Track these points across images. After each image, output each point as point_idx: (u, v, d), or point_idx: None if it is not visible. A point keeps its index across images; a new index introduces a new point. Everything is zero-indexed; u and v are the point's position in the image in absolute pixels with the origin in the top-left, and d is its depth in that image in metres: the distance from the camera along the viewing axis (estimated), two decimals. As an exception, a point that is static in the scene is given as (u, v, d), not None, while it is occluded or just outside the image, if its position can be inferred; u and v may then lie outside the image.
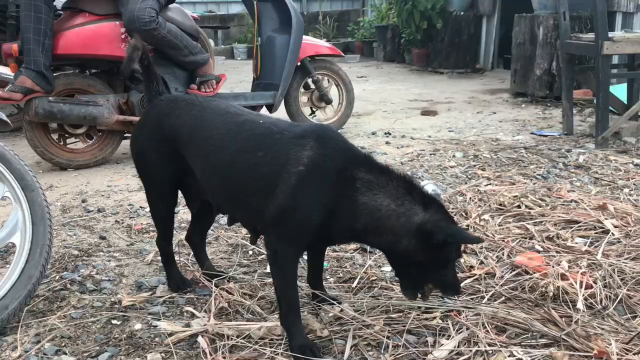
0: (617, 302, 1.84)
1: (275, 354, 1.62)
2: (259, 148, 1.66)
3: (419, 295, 1.70)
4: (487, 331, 1.68)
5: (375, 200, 1.59)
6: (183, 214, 2.75)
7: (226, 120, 1.78)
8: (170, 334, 1.72)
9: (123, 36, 3.53)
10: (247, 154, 1.67)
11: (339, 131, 1.96)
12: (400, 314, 1.80)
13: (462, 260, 2.05)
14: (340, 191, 1.60)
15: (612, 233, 2.36)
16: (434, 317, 1.78)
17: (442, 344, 1.64)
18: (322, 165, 1.60)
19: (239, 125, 1.75)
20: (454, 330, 1.70)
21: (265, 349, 1.63)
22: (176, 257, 2.13)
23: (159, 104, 1.93)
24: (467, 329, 1.69)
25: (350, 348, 1.65)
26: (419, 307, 1.83)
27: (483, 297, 1.89)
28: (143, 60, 1.95)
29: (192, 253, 2.19)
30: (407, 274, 1.68)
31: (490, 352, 1.59)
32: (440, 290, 1.70)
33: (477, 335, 1.66)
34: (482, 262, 2.16)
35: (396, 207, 1.59)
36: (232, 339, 1.68)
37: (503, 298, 1.89)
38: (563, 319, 1.74)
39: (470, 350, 1.59)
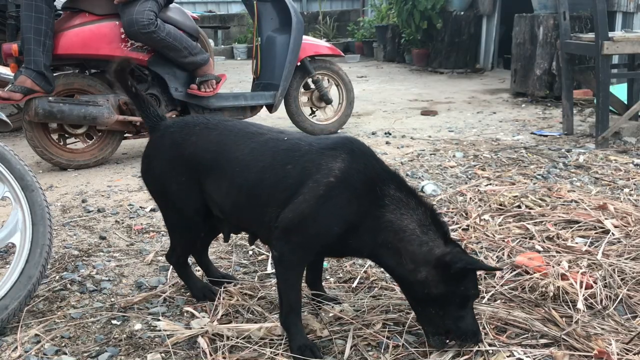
0: (617, 302, 1.84)
1: (275, 355, 1.62)
2: (287, 162, 1.63)
3: (447, 342, 1.62)
4: (487, 331, 1.68)
5: (402, 221, 1.57)
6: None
7: (249, 141, 1.73)
8: (170, 335, 1.72)
9: (123, 36, 3.52)
10: (275, 169, 1.64)
11: (339, 131, 1.94)
12: (400, 314, 1.80)
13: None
14: (367, 206, 1.58)
15: (612, 233, 2.36)
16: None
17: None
18: (353, 179, 1.58)
19: (262, 144, 1.71)
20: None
21: (265, 350, 1.63)
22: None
23: (170, 131, 1.83)
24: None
25: (350, 348, 1.65)
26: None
27: (483, 297, 1.89)
28: (130, 88, 1.86)
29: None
30: (428, 316, 1.61)
31: (491, 352, 1.59)
32: (458, 337, 1.59)
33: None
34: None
35: (421, 234, 1.57)
36: (232, 339, 1.68)
37: (503, 298, 1.89)
38: (563, 319, 1.74)
39: (471, 350, 1.59)
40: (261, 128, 1.80)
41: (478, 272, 1.80)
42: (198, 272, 2.12)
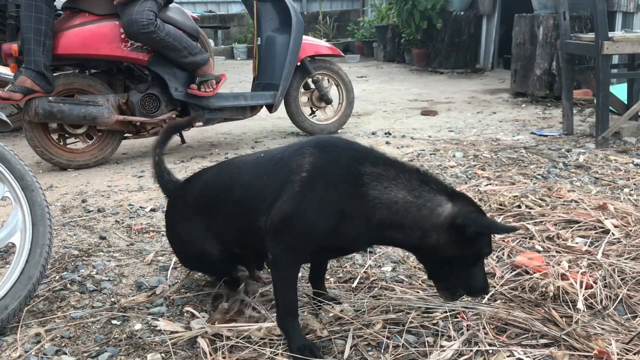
0: (617, 302, 1.84)
1: (275, 355, 1.62)
2: (262, 174, 1.67)
3: (457, 295, 1.65)
4: (487, 331, 1.68)
5: (388, 193, 1.52)
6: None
7: (234, 169, 1.83)
8: (171, 335, 1.72)
9: (123, 36, 3.52)
10: (254, 185, 1.67)
11: (339, 131, 1.96)
12: (400, 314, 1.80)
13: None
14: (347, 190, 1.53)
15: (612, 233, 2.36)
16: (434, 317, 1.78)
17: (443, 345, 1.64)
18: (325, 168, 1.57)
19: (243, 167, 1.79)
20: (454, 330, 1.70)
21: (265, 349, 1.63)
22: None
23: (179, 193, 1.97)
24: (468, 329, 1.69)
25: (350, 348, 1.64)
26: (419, 307, 1.83)
27: (483, 297, 1.89)
28: (155, 157, 2.07)
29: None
30: (440, 274, 1.61)
31: (491, 351, 1.59)
32: (468, 291, 1.62)
33: (478, 336, 1.65)
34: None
35: (414, 199, 1.52)
36: (232, 339, 1.68)
37: (503, 298, 1.89)
38: (563, 319, 1.74)
39: (471, 350, 1.59)
40: (250, 156, 1.87)
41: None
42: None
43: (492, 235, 1.61)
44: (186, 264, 2.02)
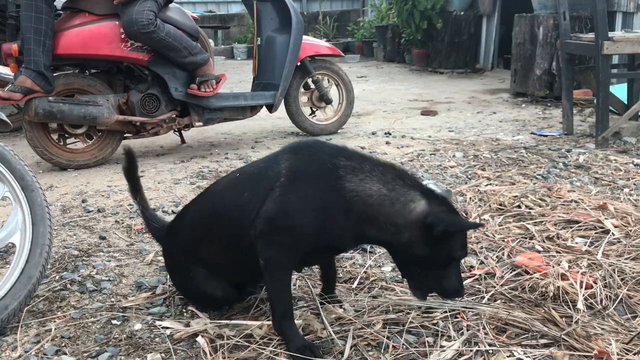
0: (617, 302, 1.84)
1: (276, 354, 1.62)
2: (244, 191, 1.66)
3: (429, 295, 1.66)
4: (487, 331, 1.68)
5: (363, 186, 1.52)
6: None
7: (212, 196, 1.83)
8: (171, 335, 1.72)
9: (123, 36, 3.52)
10: (237, 203, 1.66)
11: (339, 131, 1.96)
12: (400, 314, 1.80)
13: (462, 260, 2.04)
14: (325, 183, 1.54)
15: (612, 233, 2.36)
16: (434, 317, 1.78)
17: (443, 345, 1.64)
18: (301, 169, 1.58)
19: (220, 191, 1.79)
20: (454, 330, 1.70)
21: (265, 349, 1.63)
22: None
23: (173, 230, 1.93)
24: (468, 329, 1.69)
25: (350, 348, 1.64)
26: (419, 307, 1.83)
27: (483, 297, 1.89)
28: (142, 210, 2.04)
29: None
30: (412, 274, 1.61)
31: (491, 351, 1.59)
32: (441, 293, 1.62)
33: (478, 336, 1.65)
34: (482, 262, 2.16)
35: (388, 192, 1.51)
36: (232, 339, 1.68)
37: (503, 298, 1.89)
38: (563, 319, 1.74)
39: (471, 350, 1.59)
40: (230, 175, 1.85)
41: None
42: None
43: (465, 238, 1.59)
44: (192, 302, 1.95)
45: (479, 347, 1.60)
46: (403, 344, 1.65)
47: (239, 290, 1.86)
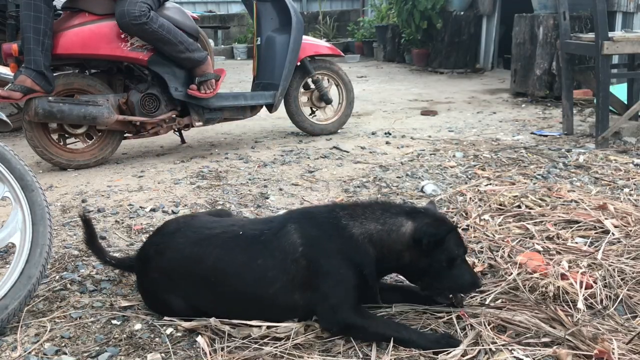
0: (617, 302, 1.84)
1: (276, 354, 1.62)
2: (257, 257, 1.71)
3: (451, 297, 1.80)
4: (489, 331, 1.68)
5: (364, 227, 1.71)
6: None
7: (208, 246, 1.76)
8: (171, 335, 1.72)
9: (122, 36, 3.52)
10: (253, 269, 1.70)
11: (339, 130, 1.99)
12: (402, 315, 1.80)
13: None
14: (338, 236, 1.69)
15: (612, 233, 2.36)
16: (439, 317, 1.78)
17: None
18: (312, 232, 1.71)
19: (222, 247, 1.76)
20: (456, 330, 1.70)
21: (265, 349, 1.63)
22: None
23: (155, 264, 1.85)
24: (472, 328, 1.69)
25: (351, 348, 1.65)
26: (421, 308, 1.83)
27: (484, 299, 1.89)
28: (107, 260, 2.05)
29: None
30: (428, 285, 1.76)
31: (494, 350, 1.58)
32: (460, 290, 1.77)
33: (481, 336, 1.65)
34: (482, 262, 2.16)
35: (381, 226, 1.71)
36: (232, 338, 1.68)
37: (504, 298, 1.89)
38: (569, 317, 1.73)
39: (473, 349, 1.59)
40: (224, 229, 1.82)
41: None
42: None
43: (457, 238, 1.75)
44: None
45: (482, 346, 1.60)
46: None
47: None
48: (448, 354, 1.58)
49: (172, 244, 1.81)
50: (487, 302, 1.86)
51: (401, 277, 1.95)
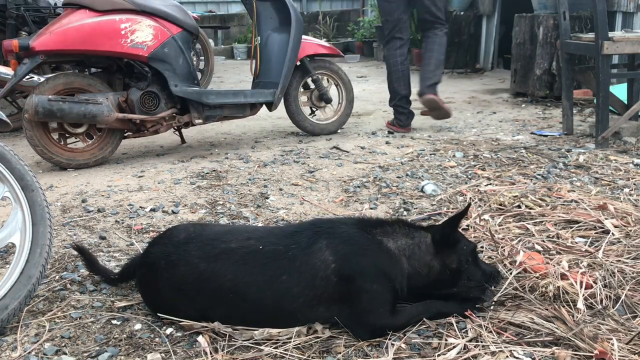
0: (617, 302, 1.84)
1: (276, 355, 1.62)
2: (281, 273, 1.68)
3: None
4: (490, 331, 1.68)
5: (398, 242, 1.76)
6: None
7: (227, 262, 1.71)
8: (171, 335, 1.72)
9: (123, 32, 3.52)
10: (276, 285, 1.67)
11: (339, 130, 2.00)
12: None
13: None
14: (376, 250, 1.72)
15: (612, 233, 2.36)
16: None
17: (447, 345, 1.63)
18: (346, 249, 1.70)
19: (244, 263, 1.71)
20: (457, 330, 1.70)
21: (265, 350, 1.63)
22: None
23: (166, 272, 1.80)
24: (472, 328, 1.69)
25: (351, 348, 1.65)
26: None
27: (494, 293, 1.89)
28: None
29: None
30: (462, 287, 1.83)
31: (494, 349, 1.58)
32: (488, 280, 1.83)
33: (481, 335, 1.65)
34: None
35: (412, 240, 1.78)
36: (232, 338, 1.68)
37: (504, 298, 1.89)
38: (571, 316, 1.73)
39: (475, 349, 1.59)
40: (242, 242, 1.76)
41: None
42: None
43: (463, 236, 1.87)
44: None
45: (482, 346, 1.60)
46: (405, 344, 1.65)
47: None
48: (448, 352, 1.59)
49: (185, 257, 1.74)
50: (485, 302, 1.85)
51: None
